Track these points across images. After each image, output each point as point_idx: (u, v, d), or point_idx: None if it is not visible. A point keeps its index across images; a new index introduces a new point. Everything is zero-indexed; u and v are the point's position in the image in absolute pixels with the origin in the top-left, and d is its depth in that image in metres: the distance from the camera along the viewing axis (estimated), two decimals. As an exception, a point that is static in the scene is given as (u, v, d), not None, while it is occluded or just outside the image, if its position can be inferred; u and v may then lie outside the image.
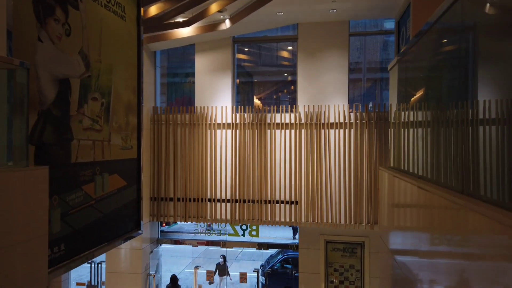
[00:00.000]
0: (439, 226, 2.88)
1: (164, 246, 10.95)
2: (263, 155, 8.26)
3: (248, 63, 10.44)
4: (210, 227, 24.96)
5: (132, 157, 5.12)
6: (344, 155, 7.96)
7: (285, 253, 12.88)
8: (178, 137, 8.60)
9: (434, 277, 3.01)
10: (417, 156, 4.04)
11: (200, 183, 8.48)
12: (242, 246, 9.29)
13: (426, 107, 3.72)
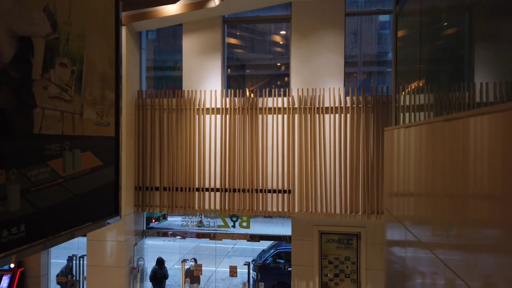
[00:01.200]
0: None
1: (152, 242, 10.51)
2: (255, 141, 7.90)
3: (239, 49, 10.06)
4: (201, 224, 24.59)
5: (109, 135, 4.71)
6: (340, 141, 7.62)
7: (278, 248, 12.56)
8: (165, 123, 8.20)
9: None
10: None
11: (188, 171, 8.10)
12: (233, 238, 8.93)
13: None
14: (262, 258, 12.18)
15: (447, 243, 2.61)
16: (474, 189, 2.17)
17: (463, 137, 2.38)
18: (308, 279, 7.87)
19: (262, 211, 7.88)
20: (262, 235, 8.56)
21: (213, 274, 13.33)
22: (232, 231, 8.65)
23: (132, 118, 8.16)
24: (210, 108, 8.07)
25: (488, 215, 1.98)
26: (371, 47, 10.94)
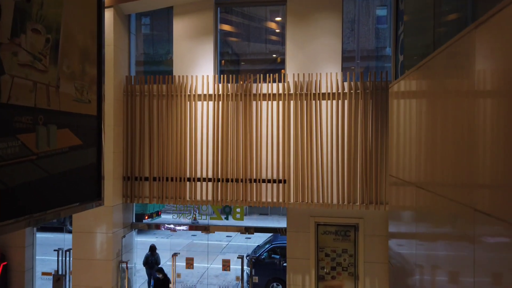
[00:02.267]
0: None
1: (143, 239, 10.26)
2: (248, 129, 7.64)
3: (233, 37, 9.83)
4: (195, 221, 24.35)
5: (91, 113, 4.44)
6: (337, 128, 7.39)
7: (273, 243, 12.33)
8: (154, 110, 7.93)
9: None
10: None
11: (179, 160, 7.84)
12: (228, 230, 8.69)
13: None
14: (257, 254, 11.94)
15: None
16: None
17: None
18: (304, 272, 7.64)
19: (256, 201, 7.63)
20: (257, 227, 8.33)
21: (206, 271, 13.07)
22: (226, 223, 8.40)
23: (120, 105, 7.88)
24: (202, 94, 7.80)
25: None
26: (368, 42, 10.78)
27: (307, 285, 7.63)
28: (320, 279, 7.64)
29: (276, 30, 9.35)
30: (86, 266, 7.58)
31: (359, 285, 7.46)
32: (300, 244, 7.67)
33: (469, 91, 2.72)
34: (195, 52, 7.88)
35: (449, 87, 3.46)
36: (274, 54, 9.71)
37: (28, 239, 8.52)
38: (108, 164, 7.53)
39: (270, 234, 14.62)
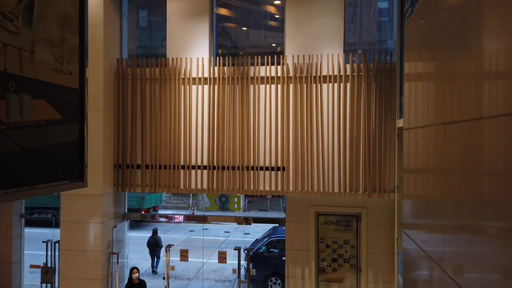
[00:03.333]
0: None
1: (138, 235, 10.05)
2: (245, 114, 7.34)
3: (230, 22, 9.51)
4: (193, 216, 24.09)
5: (72, 86, 4.12)
6: (339, 113, 7.09)
7: (272, 236, 12.05)
8: (147, 94, 7.63)
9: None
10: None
11: (173, 147, 7.54)
12: (226, 221, 8.43)
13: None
14: (255, 248, 11.66)
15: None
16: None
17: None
18: (303, 264, 7.35)
19: (254, 190, 7.34)
20: (256, 217, 8.05)
21: (202, 266, 12.82)
22: (224, 214, 8.11)
23: (111, 89, 7.57)
24: (196, 77, 7.50)
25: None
26: (369, 35, 10.51)
27: (306, 278, 7.34)
28: (320, 272, 7.35)
29: (275, 15, 9.03)
30: (75, 257, 7.30)
31: (362, 278, 7.17)
32: (299, 235, 7.38)
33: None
34: (189, 33, 7.56)
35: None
36: (274, 43, 9.40)
37: (15, 231, 8.24)
38: (98, 150, 7.24)
39: (269, 228, 14.36)
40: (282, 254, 9.90)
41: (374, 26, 10.85)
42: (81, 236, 7.29)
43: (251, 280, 11.21)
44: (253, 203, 24.70)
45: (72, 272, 7.30)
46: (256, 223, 8.33)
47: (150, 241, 11.80)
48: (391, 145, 6.87)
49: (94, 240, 7.28)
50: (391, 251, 6.96)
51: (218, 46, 8.01)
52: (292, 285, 7.39)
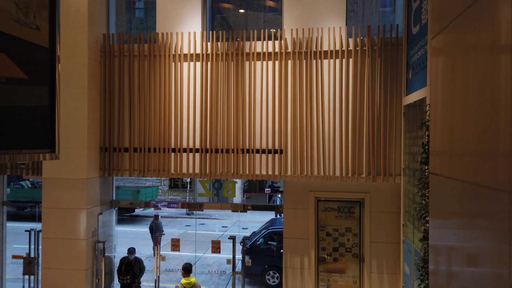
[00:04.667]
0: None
1: (132, 229, 9.67)
2: (241, 93, 6.93)
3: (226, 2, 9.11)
4: (191, 212, 23.69)
5: (40, 43, 3.68)
6: (341, 91, 6.68)
7: (270, 228, 11.66)
8: (135, 72, 7.21)
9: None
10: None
11: (163, 129, 7.13)
12: (222, 208, 8.05)
13: None
14: (252, 240, 11.26)
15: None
16: None
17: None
18: (302, 254, 6.95)
19: (249, 174, 6.93)
20: (254, 205, 7.66)
21: (195, 259, 12.44)
22: (221, 201, 7.71)
23: (96, 66, 7.15)
24: (188, 54, 7.09)
25: None
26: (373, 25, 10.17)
27: (305, 268, 6.95)
28: (320, 262, 6.95)
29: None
30: (57, 246, 6.89)
31: (365, 268, 6.78)
32: (298, 222, 6.98)
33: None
34: (181, 5, 7.13)
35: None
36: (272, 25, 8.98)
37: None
38: (81, 131, 6.83)
39: (267, 221, 13.96)
40: (280, 246, 9.51)
41: (376, 16, 10.50)
42: (64, 223, 6.89)
43: (248, 274, 10.84)
44: (252, 198, 24.33)
45: (54, 262, 6.90)
46: (255, 210, 7.93)
47: (152, 225, 12.43)
48: (397, 124, 6.46)
49: (78, 227, 6.87)
50: (397, 240, 6.56)
51: (212, 18, 7.59)
52: (290, 276, 7.00)
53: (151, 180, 23.76)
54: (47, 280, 6.93)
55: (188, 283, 6.35)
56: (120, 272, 7.62)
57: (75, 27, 6.77)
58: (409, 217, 6.01)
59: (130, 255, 7.74)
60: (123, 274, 7.58)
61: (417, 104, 5.76)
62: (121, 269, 7.61)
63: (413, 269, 5.54)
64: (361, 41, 6.61)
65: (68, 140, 6.80)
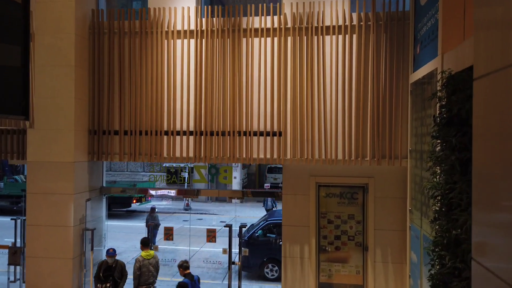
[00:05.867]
0: None
1: (128, 224, 9.38)
2: (237, 72, 6.60)
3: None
4: (188, 207, 23.40)
5: (10, -4, 3.35)
6: (344, 69, 6.35)
7: (269, 219, 11.33)
8: (126, 50, 6.89)
9: None
10: None
11: (155, 110, 6.81)
12: (220, 195, 7.71)
13: None
14: (250, 232, 10.94)
15: None
16: None
17: None
18: (302, 242, 6.63)
19: (246, 158, 6.60)
20: (254, 191, 7.34)
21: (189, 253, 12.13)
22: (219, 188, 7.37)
23: (84, 43, 6.82)
24: (181, 30, 6.76)
25: None
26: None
27: (306, 258, 6.62)
28: (321, 251, 6.63)
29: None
30: (42, 234, 6.57)
31: (368, 257, 6.45)
32: (298, 209, 6.65)
33: None
34: (173, -21, 6.79)
35: None
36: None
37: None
38: (68, 111, 6.50)
39: (265, 213, 13.63)
40: (279, 238, 9.18)
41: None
42: (50, 210, 6.56)
43: (246, 267, 10.53)
44: (250, 193, 24.01)
45: (39, 251, 6.58)
46: (255, 196, 7.62)
47: (148, 219, 12.18)
48: (403, 104, 6.13)
49: (64, 214, 6.54)
50: (402, 227, 6.23)
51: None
52: (290, 266, 6.68)
53: (148, 175, 23.46)
54: (32, 270, 6.61)
55: (148, 255, 6.78)
56: (98, 279, 6.65)
57: (61, 1, 6.43)
58: (415, 203, 5.69)
59: (110, 258, 6.71)
60: (102, 282, 6.59)
61: (425, 80, 5.42)
62: (99, 275, 6.64)
63: (421, 256, 5.21)
64: (366, 16, 6.27)
65: (53, 121, 6.47)
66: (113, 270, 6.66)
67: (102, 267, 6.67)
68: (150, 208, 12.90)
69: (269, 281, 10.24)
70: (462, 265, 3.44)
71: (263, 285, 10.03)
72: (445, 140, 3.79)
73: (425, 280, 5.08)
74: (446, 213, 3.80)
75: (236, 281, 7.11)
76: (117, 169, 25.28)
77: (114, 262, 6.70)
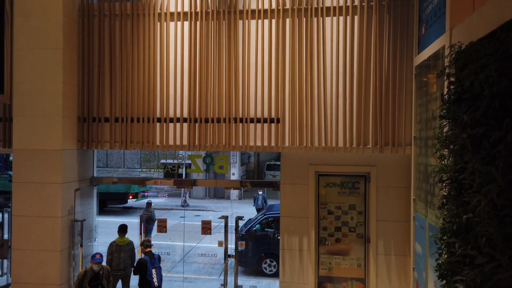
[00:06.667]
0: None
1: (124, 220, 9.15)
2: (233, 55, 6.35)
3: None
4: (185, 204, 23.18)
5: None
6: (345, 52, 6.09)
7: (266, 213, 11.09)
8: (117, 33, 6.63)
9: None
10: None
11: (147, 97, 6.56)
12: (218, 185, 7.44)
13: None
14: (248, 226, 10.69)
15: None
16: None
17: None
18: (301, 234, 6.38)
19: (243, 146, 6.35)
20: (253, 181, 7.12)
21: (191, 250, 11.95)
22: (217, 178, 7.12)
23: (73, 25, 6.56)
24: (175, 12, 6.50)
25: None
26: None
27: (305, 250, 6.37)
28: (321, 243, 6.38)
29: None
30: (29, 224, 6.31)
31: (370, 250, 6.20)
32: (297, 199, 6.40)
33: None
34: (166, -42, 6.52)
35: None
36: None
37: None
38: (55, 96, 6.25)
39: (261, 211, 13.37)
40: (278, 233, 8.94)
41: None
42: (37, 200, 6.30)
43: (243, 262, 10.29)
44: (250, 191, 23.77)
45: (26, 243, 6.32)
46: (254, 186, 7.38)
47: (144, 213, 11.84)
48: (407, 88, 5.87)
49: (52, 204, 6.28)
50: (406, 217, 5.99)
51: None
52: (288, 259, 6.43)
53: (145, 173, 23.23)
54: (18, 263, 6.34)
55: (122, 241, 6.96)
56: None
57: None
58: (420, 193, 5.44)
59: (97, 264, 6.02)
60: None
61: (431, 62, 5.17)
62: (86, 286, 5.95)
63: (426, 247, 4.96)
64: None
65: (40, 107, 6.21)
66: (101, 277, 6.06)
67: (87, 276, 5.99)
68: (146, 202, 12.61)
69: (267, 277, 9.99)
70: (474, 252, 3.19)
71: (261, 280, 9.79)
72: (455, 118, 3.55)
73: (430, 271, 4.83)
74: (455, 197, 3.55)
75: (232, 277, 6.87)
76: (114, 166, 25.06)
77: (100, 270, 6.10)
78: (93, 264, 6.03)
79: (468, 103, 3.35)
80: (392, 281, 6.11)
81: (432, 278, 4.72)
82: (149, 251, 6.61)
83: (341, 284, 6.35)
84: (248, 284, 9.38)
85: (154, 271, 6.43)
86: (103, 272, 6.11)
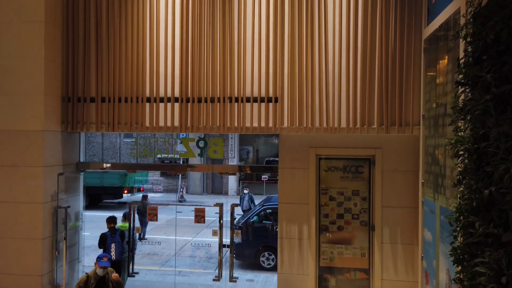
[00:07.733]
0: None
1: (119, 215, 8.81)
2: (228, 30, 5.98)
3: None
4: (182, 199, 22.85)
5: None
6: (348, 25, 5.73)
7: (265, 204, 10.73)
8: (103, 7, 6.25)
9: None
10: None
11: (136, 75, 6.19)
12: (214, 171, 7.10)
13: None
14: (245, 217, 10.34)
15: None
16: None
17: None
18: (301, 221, 6.01)
19: (238, 127, 5.97)
20: (253, 166, 6.71)
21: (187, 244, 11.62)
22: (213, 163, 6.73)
23: (58, 3, 6.17)
24: (166, -16, 6.09)
25: None
26: None
27: (305, 239, 6.01)
28: (322, 231, 6.02)
29: None
30: (8, 210, 5.95)
31: (375, 238, 5.83)
32: (296, 184, 6.03)
33: None
34: None
35: None
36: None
37: None
38: (36, 74, 5.88)
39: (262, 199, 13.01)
40: (276, 225, 8.59)
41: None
42: (16, 184, 5.93)
43: (240, 256, 9.94)
44: (248, 187, 23.44)
45: (5, 230, 5.96)
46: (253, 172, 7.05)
47: (140, 206, 11.67)
48: (415, 63, 5.50)
49: (33, 189, 5.90)
50: (414, 204, 5.61)
51: None
52: (286, 248, 6.06)
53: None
54: (-3, 252, 5.98)
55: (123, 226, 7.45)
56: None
57: None
58: (429, 177, 5.07)
59: (101, 269, 5.24)
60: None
61: (442, 33, 4.79)
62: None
63: (437, 232, 4.59)
64: (373, -36, 5.63)
65: (19, 84, 5.83)
66: (107, 282, 5.28)
67: (90, 282, 5.22)
68: (142, 195, 12.50)
69: (265, 270, 9.65)
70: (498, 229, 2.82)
71: (259, 274, 9.43)
72: (475, 82, 3.17)
73: (442, 258, 4.46)
74: (475, 171, 3.18)
75: (227, 270, 6.51)
76: (109, 160, 24.70)
77: (105, 274, 5.31)
78: (98, 268, 5.24)
79: (491, 62, 2.97)
80: (399, 271, 5.75)
81: (444, 266, 4.36)
82: (112, 227, 7.29)
83: (344, 275, 5.98)
84: (245, 278, 9.04)
85: (114, 245, 7.12)
86: (108, 276, 5.33)
